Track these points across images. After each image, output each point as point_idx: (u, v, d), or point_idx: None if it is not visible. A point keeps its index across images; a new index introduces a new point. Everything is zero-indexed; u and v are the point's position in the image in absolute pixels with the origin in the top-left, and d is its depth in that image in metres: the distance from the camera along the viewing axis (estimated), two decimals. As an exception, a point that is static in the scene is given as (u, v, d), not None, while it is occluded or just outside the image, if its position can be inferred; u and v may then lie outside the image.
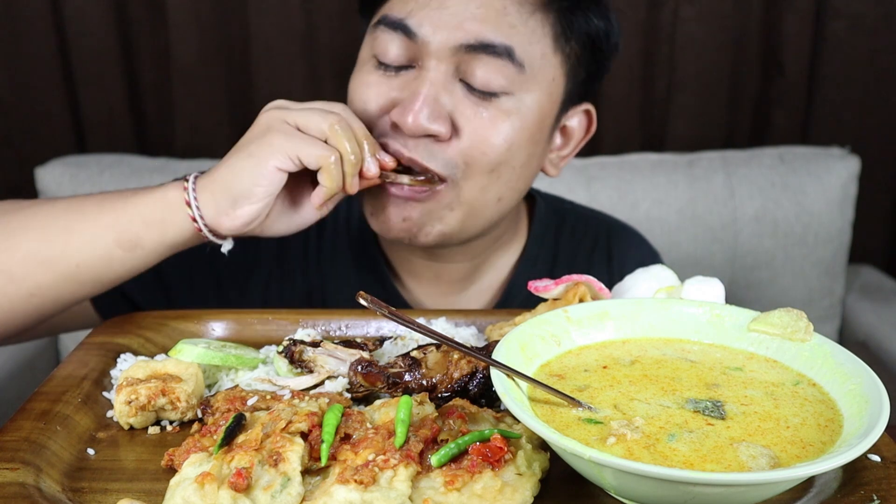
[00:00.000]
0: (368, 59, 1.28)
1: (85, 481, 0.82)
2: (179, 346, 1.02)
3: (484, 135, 1.22)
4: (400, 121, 1.20)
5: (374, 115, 1.26)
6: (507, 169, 1.27)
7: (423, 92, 1.20)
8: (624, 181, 2.51)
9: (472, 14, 1.19)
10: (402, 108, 1.21)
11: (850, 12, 2.66)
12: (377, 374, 0.93)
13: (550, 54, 1.26)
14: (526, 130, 1.26)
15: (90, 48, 2.61)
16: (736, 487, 0.69)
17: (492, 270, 1.50)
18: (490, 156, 1.24)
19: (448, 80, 1.22)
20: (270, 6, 2.58)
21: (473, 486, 0.75)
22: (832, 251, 2.57)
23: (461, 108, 1.22)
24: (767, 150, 2.62)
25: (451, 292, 1.48)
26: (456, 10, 1.20)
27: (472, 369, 0.92)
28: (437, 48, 1.20)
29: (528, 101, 1.25)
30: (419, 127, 1.19)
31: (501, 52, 1.20)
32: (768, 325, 0.93)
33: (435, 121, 1.20)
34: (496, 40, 1.19)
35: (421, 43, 1.20)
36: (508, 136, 1.24)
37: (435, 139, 1.22)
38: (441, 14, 1.20)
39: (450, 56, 1.20)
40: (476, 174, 1.25)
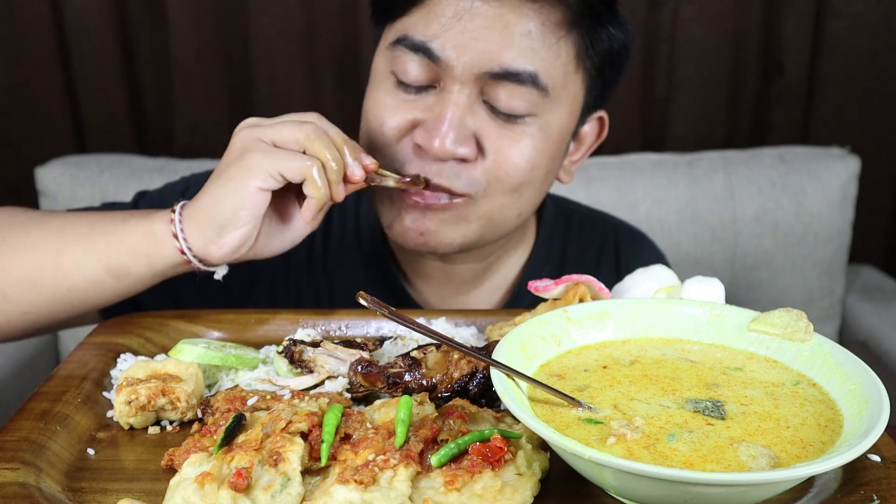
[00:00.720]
0: (387, 76, 1.26)
1: (85, 481, 0.82)
2: (179, 346, 1.02)
3: (508, 156, 1.22)
4: (426, 145, 1.20)
5: (394, 137, 1.25)
6: (529, 187, 1.28)
7: (447, 116, 1.19)
8: (624, 181, 2.51)
9: (497, 40, 1.17)
10: (427, 132, 1.20)
11: (850, 12, 2.66)
12: (377, 374, 0.93)
13: (573, 73, 1.25)
14: (548, 150, 1.26)
15: (90, 48, 2.61)
16: (736, 487, 0.69)
17: (501, 271, 1.50)
18: (514, 177, 1.24)
19: (472, 103, 1.21)
20: (270, 6, 2.58)
21: (473, 486, 0.75)
22: (832, 251, 2.57)
23: (486, 131, 1.22)
24: (767, 150, 2.62)
25: (459, 292, 1.48)
26: (479, 35, 1.17)
27: (473, 369, 0.92)
28: (461, 73, 1.18)
29: (551, 121, 1.25)
30: (446, 151, 1.19)
31: (525, 79, 1.19)
32: (768, 325, 0.93)
33: (461, 144, 1.19)
34: (520, 68, 1.18)
35: (444, 66, 1.19)
36: (532, 158, 1.24)
37: (460, 161, 1.22)
38: (465, 38, 1.17)
39: (474, 81, 1.19)
40: (498, 193, 1.25)
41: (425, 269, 1.46)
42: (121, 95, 2.68)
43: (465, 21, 1.18)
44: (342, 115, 2.69)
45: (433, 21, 1.19)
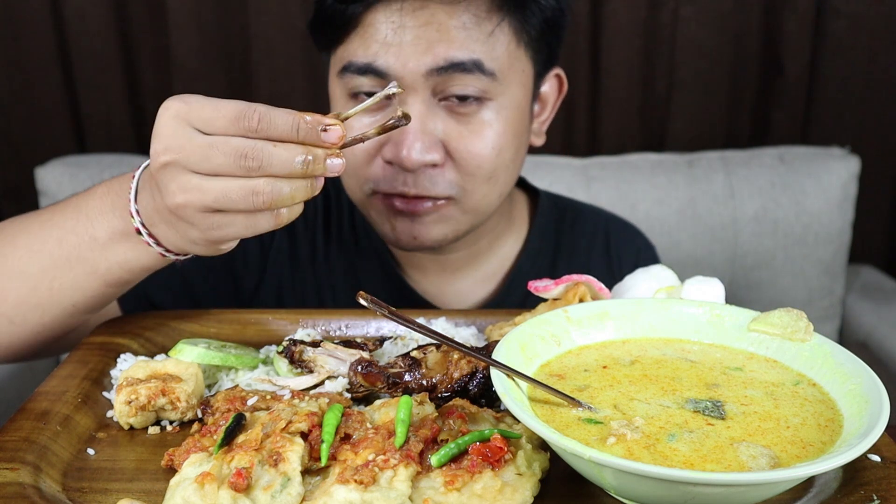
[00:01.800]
0: (345, 101, 1.29)
1: (85, 481, 0.82)
2: (179, 346, 1.02)
3: (475, 152, 1.27)
4: (395, 159, 1.24)
5: (364, 159, 1.29)
6: (502, 170, 1.32)
7: (410, 126, 1.22)
8: (624, 181, 2.51)
9: (435, 38, 1.22)
10: (395, 146, 1.24)
11: (850, 12, 2.66)
12: (377, 374, 0.93)
13: (514, 50, 1.29)
14: (510, 129, 1.30)
15: (90, 48, 2.61)
16: (736, 487, 0.69)
17: (493, 258, 1.54)
18: (485, 168, 1.29)
19: (428, 106, 1.25)
20: (270, 6, 2.58)
21: (473, 486, 0.75)
22: (832, 251, 2.57)
23: (448, 132, 1.26)
24: (767, 150, 2.62)
25: (454, 279, 1.52)
26: (417, 40, 1.22)
27: (473, 369, 0.92)
28: (411, 80, 1.23)
29: (506, 103, 1.29)
30: (415, 161, 1.23)
31: (471, 67, 1.23)
32: (768, 325, 0.93)
33: (429, 151, 1.24)
34: (464, 57, 1.22)
35: (393, 79, 1.22)
36: (497, 145, 1.29)
37: (432, 167, 1.26)
38: (405, 47, 1.22)
39: (424, 82, 1.23)
40: (476, 186, 1.30)
41: (419, 261, 1.50)
42: (121, 95, 2.67)
43: (400, 33, 1.22)
44: (342, 115, 2.70)
45: (371, 42, 1.24)
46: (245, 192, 0.88)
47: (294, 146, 0.89)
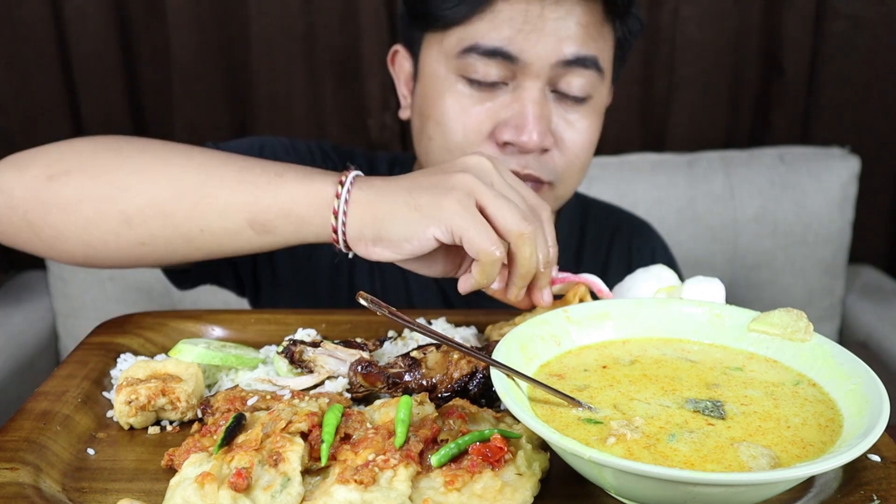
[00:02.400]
0: (455, 80, 1.32)
1: (85, 481, 0.82)
2: (179, 346, 1.02)
3: (579, 141, 1.36)
4: (517, 141, 1.29)
5: (478, 139, 1.32)
6: (588, 163, 1.43)
7: (530, 112, 1.29)
8: (624, 181, 2.51)
9: (564, 33, 1.28)
10: (515, 129, 1.29)
11: (850, 12, 2.66)
12: (377, 374, 0.93)
13: (613, 56, 1.40)
14: (598, 126, 1.41)
15: (90, 48, 2.61)
16: (736, 487, 0.69)
17: None
18: (582, 158, 1.39)
19: (544, 95, 1.31)
20: (270, 6, 2.58)
21: (473, 486, 0.75)
22: (832, 251, 2.57)
23: (558, 121, 1.34)
24: (767, 150, 2.62)
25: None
26: (549, 31, 1.27)
27: (472, 369, 0.92)
28: (538, 68, 1.28)
29: (599, 102, 1.39)
30: (535, 145, 1.29)
31: (590, 63, 1.31)
32: (768, 325, 0.93)
33: (546, 136, 1.31)
34: (587, 53, 1.30)
35: (522, 65, 1.28)
36: (592, 138, 1.39)
37: (543, 151, 1.33)
38: (539, 36, 1.27)
39: (548, 71, 1.29)
40: (571, 175, 1.39)
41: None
42: (121, 95, 2.67)
43: (539, 23, 1.28)
44: (342, 116, 2.70)
45: (502, 26, 1.28)
46: (520, 212, 0.99)
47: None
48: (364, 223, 1.03)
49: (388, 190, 1.04)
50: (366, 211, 1.03)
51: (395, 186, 1.04)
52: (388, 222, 1.02)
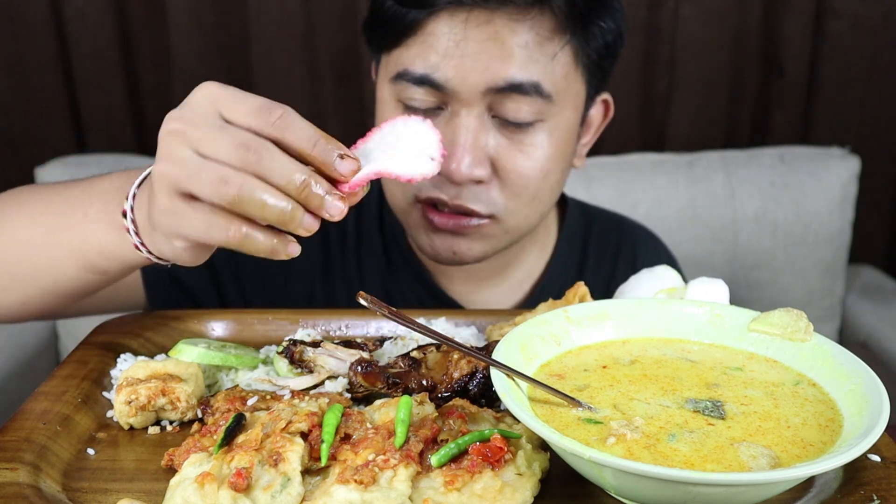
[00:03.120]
0: (395, 105, 1.27)
1: (85, 481, 0.82)
2: (179, 346, 1.02)
3: (521, 172, 1.25)
4: (444, 171, 1.22)
5: None
6: (546, 191, 1.31)
7: (461, 141, 1.21)
8: (624, 181, 2.51)
9: (496, 56, 1.19)
10: (444, 159, 1.18)
11: (850, 12, 2.66)
12: (377, 374, 0.93)
13: (572, 73, 1.27)
14: (559, 151, 1.29)
15: (90, 48, 2.61)
16: (736, 487, 0.69)
17: (522, 268, 1.53)
18: (530, 189, 1.28)
19: (481, 122, 1.23)
20: (270, 6, 2.58)
21: (473, 486, 0.75)
22: (832, 251, 2.57)
23: (498, 149, 1.24)
24: (767, 150, 2.62)
25: (481, 289, 1.51)
26: (478, 56, 1.19)
27: (473, 369, 0.92)
28: (467, 96, 1.21)
29: (558, 124, 1.27)
30: (463, 176, 1.21)
31: (529, 89, 1.20)
32: (768, 325, 0.93)
33: (477, 167, 1.22)
34: (523, 79, 1.20)
35: (450, 93, 1.21)
36: (544, 167, 1.27)
37: (477, 182, 1.24)
38: (465, 62, 1.19)
39: (480, 99, 1.21)
40: (519, 207, 1.29)
41: (448, 270, 1.49)
42: (121, 96, 2.67)
43: (462, 47, 1.19)
44: (342, 116, 2.70)
45: (430, 53, 1.21)
46: (217, 176, 0.78)
47: (300, 165, 0.80)
48: (160, 244, 0.91)
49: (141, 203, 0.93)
50: (152, 233, 0.92)
51: (142, 198, 0.93)
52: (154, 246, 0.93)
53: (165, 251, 0.91)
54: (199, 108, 0.83)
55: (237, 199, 0.79)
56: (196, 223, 0.82)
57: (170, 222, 0.85)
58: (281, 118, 0.81)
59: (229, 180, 0.79)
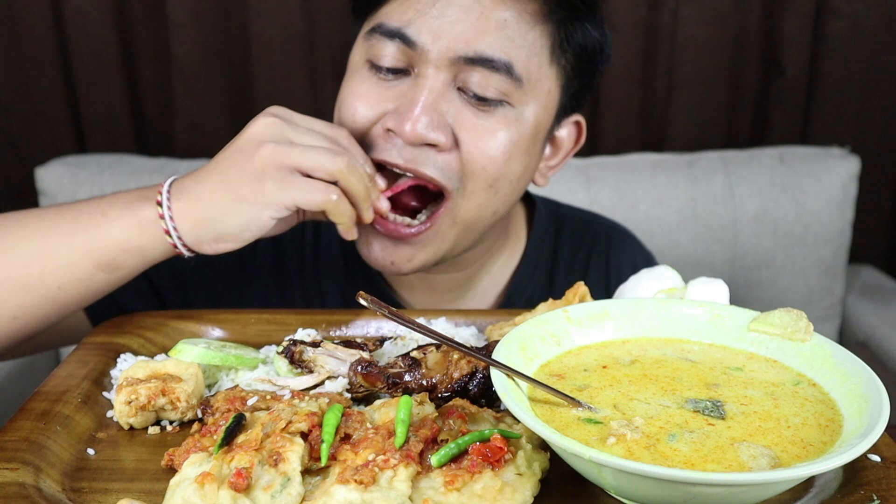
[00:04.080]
0: (362, 65, 1.25)
1: (85, 481, 0.82)
2: (179, 346, 1.02)
3: (483, 148, 1.20)
4: (397, 128, 1.18)
5: (366, 125, 1.23)
6: (505, 182, 1.25)
7: (421, 100, 1.17)
8: (624, 181, 2.51)
9: (472, 26, 1.17)
10: (400, 116, 1.18)
11: (850, 12, 2.66)
12: (377, 374, 0.93)
13: (546, 66, 1.24)
14: (523, 142, 1.24)
15: (90, 48, 2.61)
16: (736, 487, 0.69)
17: (488, 277, 1.49)
18: (489, 170, 1.22)
19: (446, 89, 1.19)
20: (270, 6, 2.58)
21: (473, 486, 0.75)
22: (832, 251, 2.57)
23: (460, 119, 1.20)
24: (767, 150, 2.62)
25: (445, 301, 1.47)
26: (455, 20, 1.17)
27: (472, 369, 0.92)
28: (436, 57, 1.18)
29: (525, 114, 1.23)
30: (417, 135, 1.17)
31: (500, 66, 1.18)
32: (768, 325, 0.93)
33: (434, 129, 1.17)
34: (495, 55, 1.17)
35: (419, 51, 1.18)
36: (507, 149, 1.22)
37: (435, 148, 1.19)
38: (441, 23, 1.17)
39: (448, 66, 1.18)
40: (476, 190, 1.23)
41: (408, 281, 1.45)
42: (121, 95, 2.67)
43: (441, 7, 1.18)
44: (342, 115, 2.70)
45: (408, 8, 1.19)
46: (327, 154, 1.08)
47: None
48: (198, 229, 1.10)
49: (205, 191, 1.11)
50: (194, 219, 1.10)
51: (210, 185, 1.10)
52: (221, 221, 1.10)
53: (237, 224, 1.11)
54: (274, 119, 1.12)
55: (343, 171, 1.10)
56: (303, 187, 1.08)
57: (273, 191, 1.08)
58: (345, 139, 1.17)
59: (338, 152, 1.10)
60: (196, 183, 1.12)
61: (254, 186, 1.08)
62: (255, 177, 1.08)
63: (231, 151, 1.12)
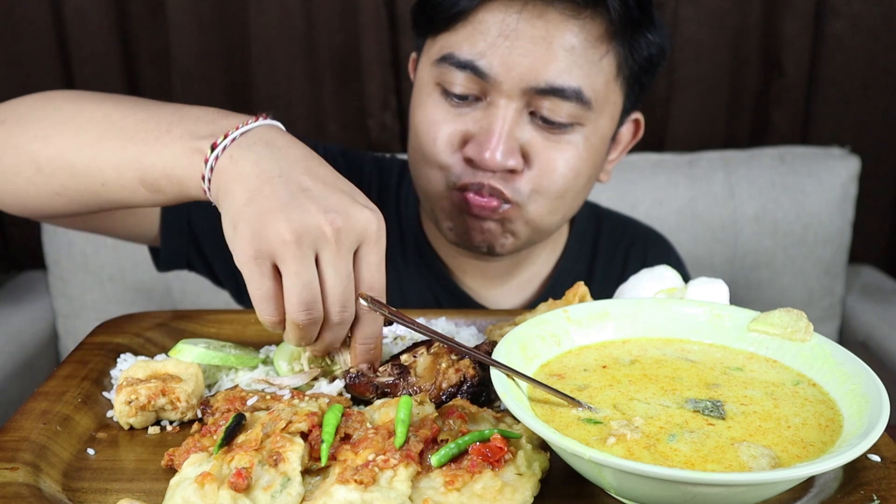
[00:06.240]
0: (433, 89, 1.29)
1: (85, 481, 0.82)
2: (179, 346, 1.02)
3: (553, 167, 1.27)
4: (477, 158, 1.24)
5: (446, 150, 1.29)
6: (572, 193, 1.33)
7: (496, 129, 1.23)
8: (624, 181, 2.51)
9: (542, 56, 1.21)
10: (479, 146, 1.24)
11: (850, 12, 2.66)
12: (366, 384, 0.93)
13: (613, 82, 1.29)
14: (591, 157, 1.31)
15: (90, 48, 2.61)
16: (736, 487, 0.69)
17: (532, 266, 1.55)
18: (558, 184, 1.29)
19: (519, 116, 1.25)
20: (270, 6, 2.58)
21: (473, 486, 0.75)
22: (832, 251, 2.57)
23: (532, 142, 1.26)
24: (767, 150, 2.62)
25: (493, 286, 1.54)
26: (525, 52, 1.21)
27: (460, 379, 0.91)
28: (508, 88, 1.22)
29: (594, 130, 1.29)
30: (496, 164, 1.23)
31: (570, 94, 1.23)
32: (768, 325, 0.93)
33: (510, 157, 1.24)
34: (564, 84, 1.22)
35: (492, 82, 1.23)
36: (576, 167, 1.29)
37: (509, 172, 1.26)
38: (511, 55, 1.21)
39: (520, 95, 1.23)
40: (543, 199, 1.30)
41: (462, 265, 1.51)
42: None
43: (511, 39, 1.21)
44: (342, 116, 2.70)
45: (479, 39, 1.22)
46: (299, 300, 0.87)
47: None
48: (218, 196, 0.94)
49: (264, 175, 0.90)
50: (222, 187, 0.93)
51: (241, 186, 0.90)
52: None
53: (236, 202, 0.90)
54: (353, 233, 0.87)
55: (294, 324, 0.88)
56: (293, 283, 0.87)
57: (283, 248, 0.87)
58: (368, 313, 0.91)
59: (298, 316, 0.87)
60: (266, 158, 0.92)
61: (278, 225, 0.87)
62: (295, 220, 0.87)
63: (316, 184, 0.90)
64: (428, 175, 1.34)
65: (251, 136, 0.94)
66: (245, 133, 0.95)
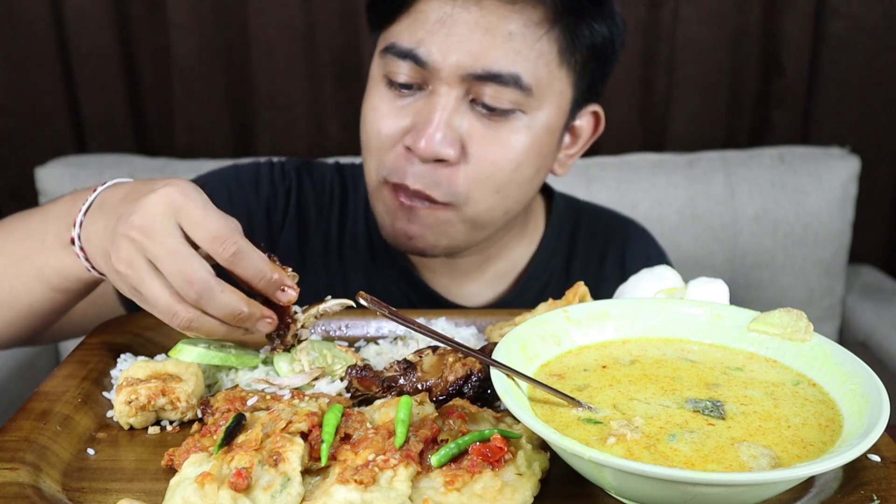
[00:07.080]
0: (380, 81, 1.30)
1: (85, 481, 0.82)
2: (179, 346, 1.02)
3: (491, 158, 1.25)
4: (413, 145, 1.23)
5: (389, 142, 1.28)
6: (514, 186, 1.30)
7: (435, 117, 1.22)
8: (624, 181, 2.51)
9: (479, 42, 1.21)
10: (416, 133, 1.23)
11: (850, 12, 2.66)
12: (372, 378, 0.93)
13: (556, 69, 1.27)
14: (535, 147, 1.29)
15: (90, 48, 2.61)
16: (736, 487, 0.69)
17: (505, 260, 1.53)
18: (496, 177, 1.27)
19: (459, 104, 1.24)
20: (270, 6, 2.58)
21: (473, 486, 0.75)
22: (832, 251, 2.57)
23: (472, 132, 1.24)
24: (767, 150, 2.62)
25: (464, 282, 1.51)
26: (463, 38, 1.21)
27: (467, 373, 0.92)
28: (447, 75, 1.22)
29: (537, 118, 1.27)
30: (431, 151, 1.21)
31: (508, 80, 1.22)
32: (768, 325, 0.93)
33: (446, 145, 1.22)
34: (503, 70, 1.21)
35: (431, 70, 1.22)
36: (516, 158, 1.26)
37: (444, 163, 1.24)
38: (449, 42, 1.21)
39: (459, 82, 1.22)
40: (483, 195, 1.28)
41: (428, 263, 1.49)
42: (121, 95, 2.67)
43: (448, 26, 1.21)
44: (341, 116, 2.70)
45: (418, 28, 1.23)
46: (168, 307, 0.92)
47: (238, 299, 0.93)
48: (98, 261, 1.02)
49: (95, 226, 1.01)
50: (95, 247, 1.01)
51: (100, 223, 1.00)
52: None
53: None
54: (159, 216, 0.92)
55: (187, 327, 0.93)
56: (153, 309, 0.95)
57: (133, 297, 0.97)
58: (234, 255, 0.93)
59: (178, 314, 0.92)
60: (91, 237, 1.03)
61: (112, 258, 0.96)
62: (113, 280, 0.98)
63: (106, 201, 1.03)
64: (368, 167, 1.34)
65: (90, 213, 1.04)
66: (86, 213, 1.04)
